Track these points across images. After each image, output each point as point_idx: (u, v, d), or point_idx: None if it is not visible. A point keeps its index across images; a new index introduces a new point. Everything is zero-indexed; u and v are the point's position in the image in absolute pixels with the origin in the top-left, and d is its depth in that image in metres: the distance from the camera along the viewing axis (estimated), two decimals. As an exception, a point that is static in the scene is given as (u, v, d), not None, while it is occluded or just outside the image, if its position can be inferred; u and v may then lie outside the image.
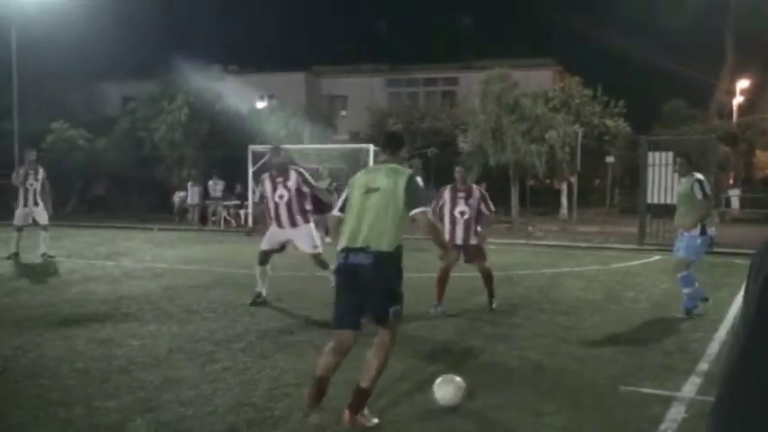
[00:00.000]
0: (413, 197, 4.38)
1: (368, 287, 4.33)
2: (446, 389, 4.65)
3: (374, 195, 4.43)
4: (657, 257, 14.26)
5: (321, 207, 9.07)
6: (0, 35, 24.20)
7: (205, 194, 23.18)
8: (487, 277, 8.39)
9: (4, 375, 5.36)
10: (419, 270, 9.53)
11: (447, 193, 8.47)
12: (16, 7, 24.04)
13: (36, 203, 12.60)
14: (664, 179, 16.29)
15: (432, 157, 25.86)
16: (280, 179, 8.40)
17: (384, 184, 4.43)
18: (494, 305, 8.35)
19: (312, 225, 8.68)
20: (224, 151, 24.78)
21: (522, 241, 17.31)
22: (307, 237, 8.53)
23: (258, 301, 8.43)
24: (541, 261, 13.45)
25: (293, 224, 8.40)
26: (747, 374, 1.14)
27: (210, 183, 22.89)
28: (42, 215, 12.68)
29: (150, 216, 23.29)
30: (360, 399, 4.30)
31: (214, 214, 22.69)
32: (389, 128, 29.77)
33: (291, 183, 8.34)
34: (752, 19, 32.80)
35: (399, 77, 42.46)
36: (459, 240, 8.24)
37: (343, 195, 4.69)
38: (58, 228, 20.60)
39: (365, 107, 34.63)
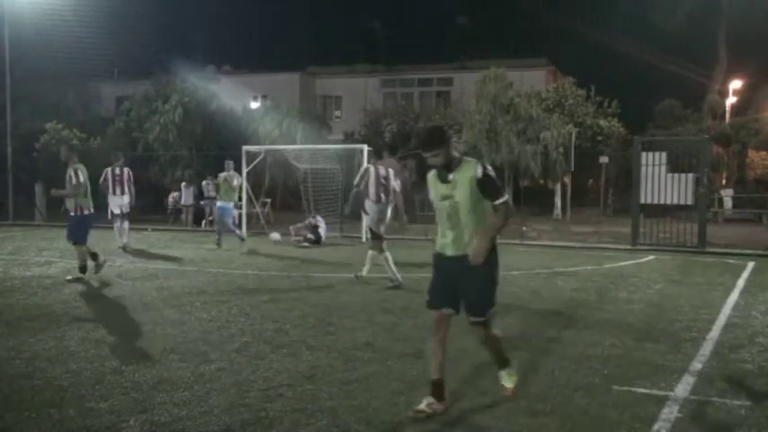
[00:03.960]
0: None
1: None
2: None
3: None
4: (651, 257, 14.31)
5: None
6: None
7: (199, 195, 23.13)
8: None
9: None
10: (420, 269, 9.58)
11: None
12: (9, 6, 23.95)
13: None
14: (657, 179, 16.32)
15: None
16: None
17: None
18: None
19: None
20: (218, 152, 24.73)
21: (516, 241, 17.32)
22: None
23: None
24: (535, 261, 13.47)
25: None
26: None
27: (204, 183, 22.83)
28: None
29: (144, 216, 23.23)
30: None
31: (211, 214, 22.65)
32: (383, 128, 29.88)
33: None
34: (745, 20, 32.94)
35: (394, 78, 42.45)
36: None
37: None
38: (52, 228, 20.56)
39: (360, 108, 34.62)
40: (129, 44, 34.25)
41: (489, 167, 4.59)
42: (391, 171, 10.19)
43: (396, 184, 10.10)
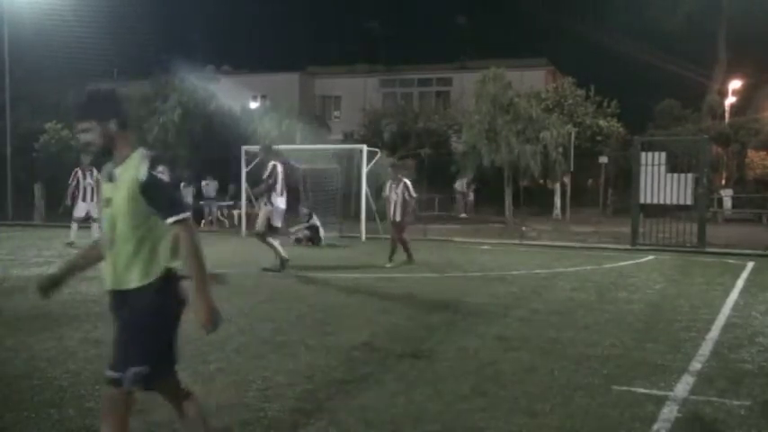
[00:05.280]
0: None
1: None
2: None
3: None
4: (651, 257, 14.31)
5: None
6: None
7: (198, 195, 23.13)
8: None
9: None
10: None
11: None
12: (9, 6, 23.95)
13: (93, 199, 15.16)
14: (656, 179, 16.33)
15: (425, 157, 25.89)
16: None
17: None
18: (387, 265, 11.97)
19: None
20: (217, 152, 24.73)
21: (516, 241, 17.34)
22: None
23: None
24: (535, 261, 13.47)
25: None
26: None
27: (204, 183, 22.84)
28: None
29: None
30: None
31: (210, 214, 22.67)
32: (383, 128, 29.89)
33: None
34: (745, 20, 32.94)
35: (393, 78, 42.45)
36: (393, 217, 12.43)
37: None
38: (51, 228, 20.55)
39: (359, 108, 34.61)
40: (129, 44, 34.27)
41: (160, 169, 3.21)
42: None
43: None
